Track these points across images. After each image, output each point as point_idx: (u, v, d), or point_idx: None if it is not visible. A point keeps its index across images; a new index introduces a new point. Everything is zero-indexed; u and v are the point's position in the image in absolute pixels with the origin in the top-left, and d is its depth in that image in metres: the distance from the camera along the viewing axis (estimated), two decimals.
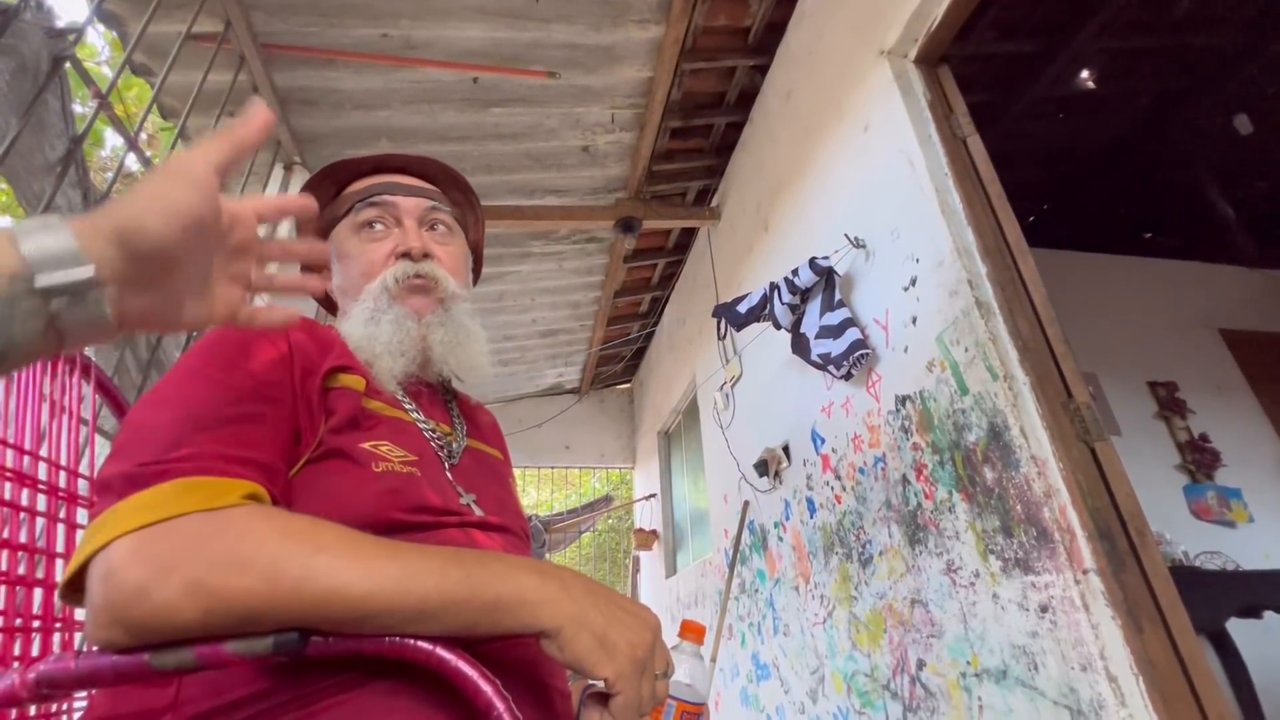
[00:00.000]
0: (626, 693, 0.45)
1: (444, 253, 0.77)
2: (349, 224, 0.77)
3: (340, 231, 0.77)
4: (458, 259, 0.79)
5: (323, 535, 0.45)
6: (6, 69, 1.25)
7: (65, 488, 0.71)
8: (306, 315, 0.72)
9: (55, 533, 0.68)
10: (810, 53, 2.33)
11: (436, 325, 0.72)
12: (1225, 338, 3.69)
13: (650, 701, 0.47)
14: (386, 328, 0.68)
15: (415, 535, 0.57)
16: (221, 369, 0.55)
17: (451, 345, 0.73)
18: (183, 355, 0.59)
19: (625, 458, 5.75)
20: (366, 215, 0.76)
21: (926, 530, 1.57)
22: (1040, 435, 1.27)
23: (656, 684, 0.48)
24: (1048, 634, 1.20)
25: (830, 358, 1.91)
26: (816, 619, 2.13)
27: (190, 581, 0.41)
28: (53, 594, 0.66)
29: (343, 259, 0.76)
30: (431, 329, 0.72)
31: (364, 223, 0.76)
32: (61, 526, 0.69)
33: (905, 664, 1.63)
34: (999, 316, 1.41)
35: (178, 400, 0.52)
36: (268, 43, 2.12)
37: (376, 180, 0.79)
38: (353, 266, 0.74)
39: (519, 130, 2.76)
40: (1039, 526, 1.24)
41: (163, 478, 0.45)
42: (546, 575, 0.48)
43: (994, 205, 1.57)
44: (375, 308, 0.69)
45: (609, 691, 0.45)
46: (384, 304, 0.70)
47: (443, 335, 0.72)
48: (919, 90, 1.74)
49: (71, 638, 0.69)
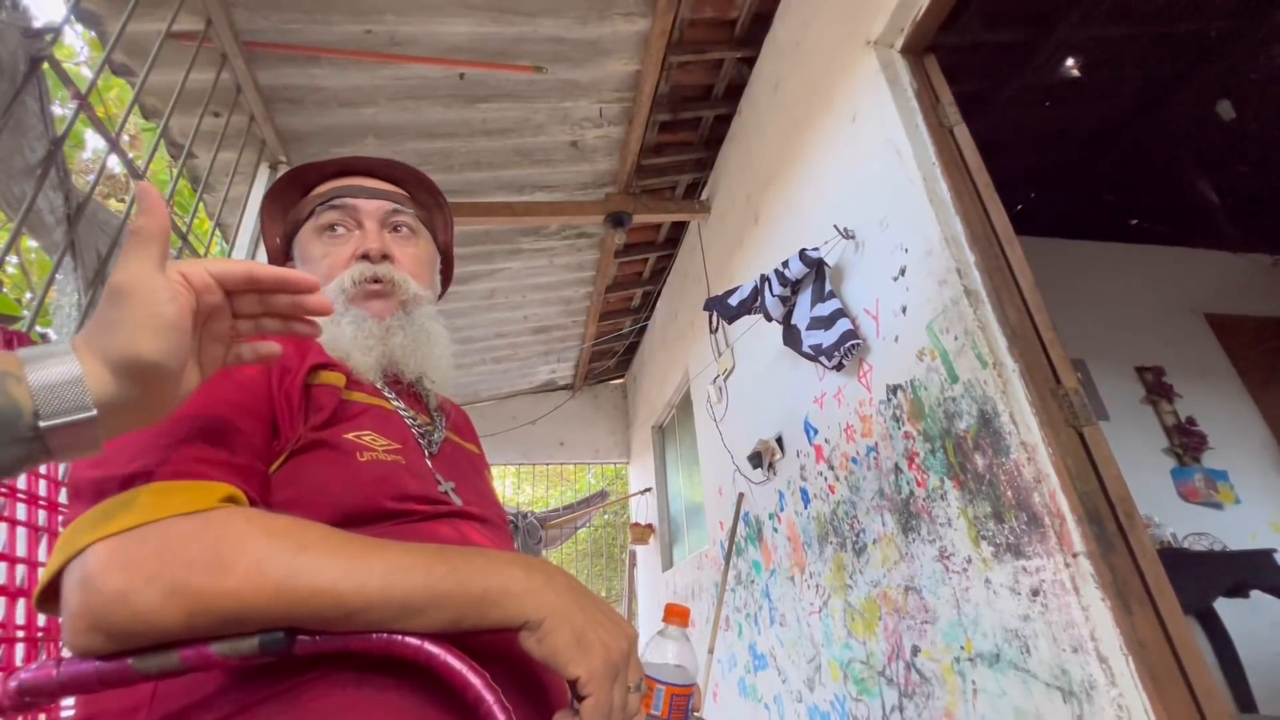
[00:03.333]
0: (597, 695, 0.44)
1: (405, 255, 0.77)
2: (311, 227, 0.77)
3: (303, 235, 0.78)
4: (420, 261, 0.79)
5: (306, 534, 0.45)
6: None
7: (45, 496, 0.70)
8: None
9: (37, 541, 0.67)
10: (797, 44, 2.32)
11: (396, 329, 0.72)
12: (1211, 322, 3.73)
13: (621, 713, 0.45)
14: (347, 329, 0.69)
15: (402, 523, 0.57)
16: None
17: (412, 349, 0.73)
18: None
19: (620, 453, 5.75)
20: (327, 218, 0.76)
21: (919, 518, 1.58)
22: (1030, 421, 1.28)
23: (629, 696, 0.46)
24: (1039, 617, 1.21)
25: (822, 349, 1.92)
26: (812, 608, 2.14)
27: (172, 585, 0.40)
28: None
29: (306, 262, 0.76)
30: (392, 332, 0.72)
31: (325, 225, 0.76)
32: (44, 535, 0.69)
33: (900, 650, 1.64)
34: (988, 304, 1.42)
35: None
36: (250, 40, 2.10)
37: (340, 183, 0.80)
38: (314, 269, 0.75)
39: (507, 126, 2.75)
40: (1029, 511, 1.25)
41: (138, 482, 0.44)
42: (531, 568, 0.48)
43: (981, 194, 1.58)
44: (336, 310, 0.70)
45: (579, 693, 0.44)
46: (340, 306, 0.70)
47: (402, 339, 0.72)
48: (905, 80, 1.74)
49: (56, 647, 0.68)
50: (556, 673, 0.45)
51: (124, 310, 0.39)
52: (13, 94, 1.24)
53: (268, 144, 2.45)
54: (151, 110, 2.13)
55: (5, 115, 1.22)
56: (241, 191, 2.42)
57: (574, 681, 0.44)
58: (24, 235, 1.35)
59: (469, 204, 3.01)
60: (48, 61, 1.32)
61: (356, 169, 0.82)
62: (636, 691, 0.48)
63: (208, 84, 1.99)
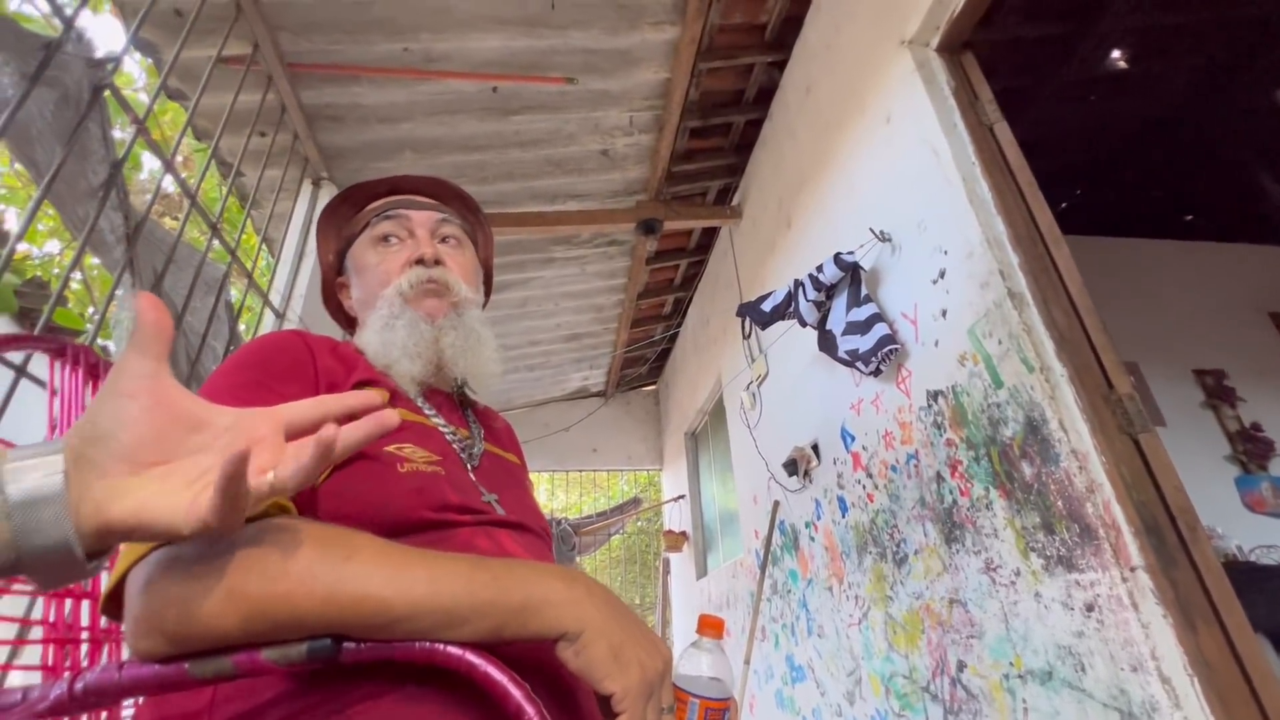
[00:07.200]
0: (631, 712, 0.43)
1: (455, 261, 0.81)
2: (366, 239, 0.81)
3: (358, 247, 0.82)
4: (468, 268, 0.83)
5: (353, 542, 0.46)
6: (51, 99, 1.30)
7: None
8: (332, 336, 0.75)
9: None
10: (829, 46, 2.30)
11: (449, 328, 0.75)
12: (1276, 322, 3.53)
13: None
14: (401, 332, 0.71)
15: (443, 533, 0.58)
16: (248, 388, 0.57)
17: (463, 349, 0.75)
18: (213, 374, 0.61)
19: (653, 459, 5.74)
20: (382, 229, 0.80)
21: (963, 528, 1.53)
22: (1080, 428, 1.23)
23: (662, 718, 0.46)
24: (1095, 634, 1.16)
25: (858, 354, 1.88)
26: (851, 620, 2.09)
27: (229, 589, 0.41)
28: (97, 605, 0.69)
29: (360, 272, 0.80)
30: (444, 332, 0.74)
31: (380, 236, 0.80)
32: None
33: (945, 665, 1.59)
34: (1033, 307, 1.37)
35: None
36: (294, 62, 2.18)
37: (390, 199, 0.84)
38: (370, 277, 0.78)
39: (539, 137, 2.78)
40: (1082, 523, 1.19)
41: None
42: (572, 580, 0.48)
43: (1024, 192, 1.53)
44: (390, 313, 0.73)
45: (614, 709, 0.43)
46: (398, 308, 0.73)
47: (454, 338, 0.75)
48: (942, 79, 1.70)
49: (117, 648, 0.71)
50: (590, 686, 0.45)
51: (164, 481, 0.37)
52: (77, 121, 1.31)
53: (310, 161, 2.54)
54: (203, 132, 2.22)
55: (70, 142, 1.29)
56: (286, 207, 2.51)
57: (609, 697, 0.44)
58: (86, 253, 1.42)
59: (502, 214, 3.06)
60: (109, 89, 1.39)
61: (404, 188, 0.86)
62: (669, 714, 0.47)
63: (254, 105, 2.08)
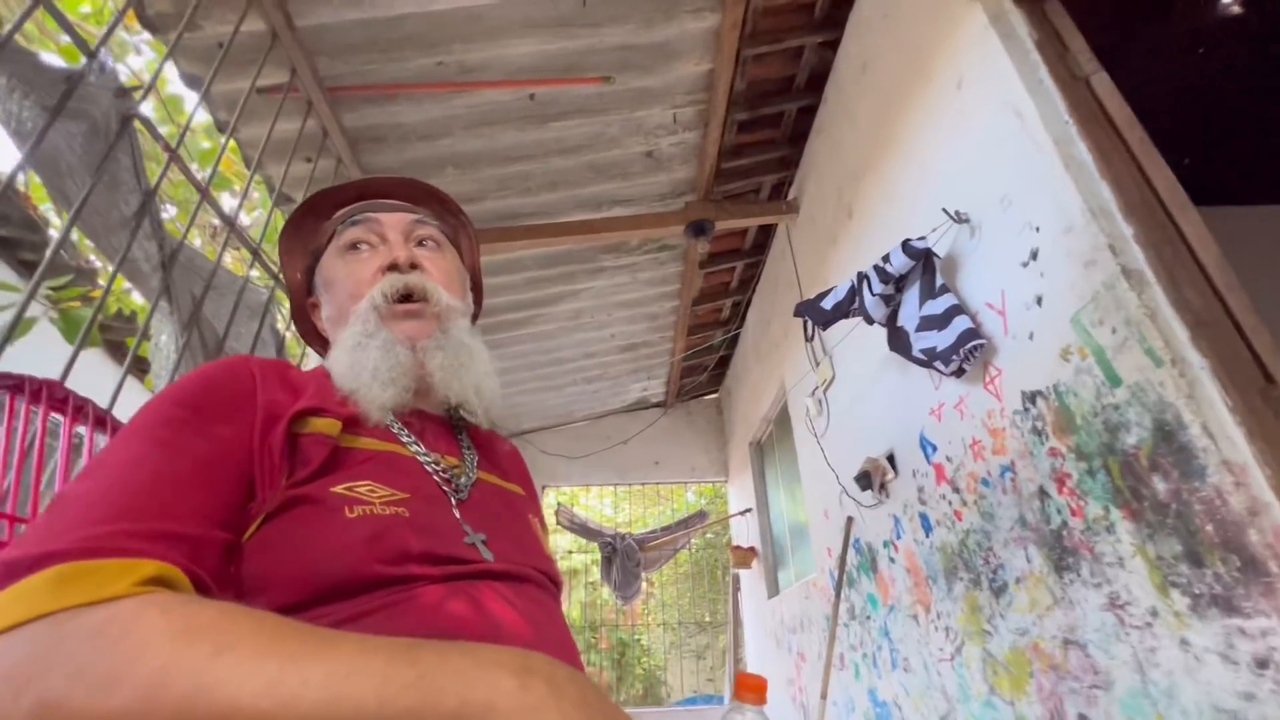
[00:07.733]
0: None
1: (434, 265, 0.70)
2: (333, 249, 0.71)
3: (325, 260, 0.72)
4: (450, 273, 0.72)
5: (235, 629, 0.34)
6: (79, 132, 1.31)
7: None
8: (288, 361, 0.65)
9: None
10: (886, 15, 2.09)
11: (434, 349, 0.64)
12: None
13: None
14: (373, 353, 0.61)
15: (401, 592, 0.47)
16: (173, 426, 0.48)
17: (453, 369, 0.64)
18: (147, 402, 0.52)
19: (717, 471, 5.54)
20: (350, 236, 0.70)
21: (1077, 554, 1.29)
22: (1232, 434, 0.98)
23: None
24: (1271, 697, 0.91)
25: (936, 352, 1.65)
26: (943, 655, 1.84)
27: (42, 702, 0.31)
28: None
29: (329, 286, 0.70)
30: (429, 354, 0.64)
31: (348, 244, 0.70)
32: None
33: (1061, 718, 1.34)
34: (1156, 286, 1.13)
35: (111, 464, 0.44)
36: (333, 86, 2.18)
37: (358, 205, 0.75)
38: (339, 290, 0.68)
39: (580, 142, 2.70)
40: (1243, 554, 0.95)
41: (41, 565, 0.35)
42: (532, 674, 0.34)
43: (1134, 152, 1.29)
44: (363, 330, 0.62)
45: None
46: (372, 325, 0.63)
47: (442, 359, 0.64)
48: (1023, 31, 1.47)
49: None
50: None
51: None
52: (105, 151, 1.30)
53: None
54: (248, 159, 2.26)
55: (98, 172, 1.29)
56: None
57: None
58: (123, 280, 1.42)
59: (548, 225, 3.00)
60: (137, 119, 1.39)
61: (373, 190, 0.77)
62: None
63: (294, 132, 2.09)
